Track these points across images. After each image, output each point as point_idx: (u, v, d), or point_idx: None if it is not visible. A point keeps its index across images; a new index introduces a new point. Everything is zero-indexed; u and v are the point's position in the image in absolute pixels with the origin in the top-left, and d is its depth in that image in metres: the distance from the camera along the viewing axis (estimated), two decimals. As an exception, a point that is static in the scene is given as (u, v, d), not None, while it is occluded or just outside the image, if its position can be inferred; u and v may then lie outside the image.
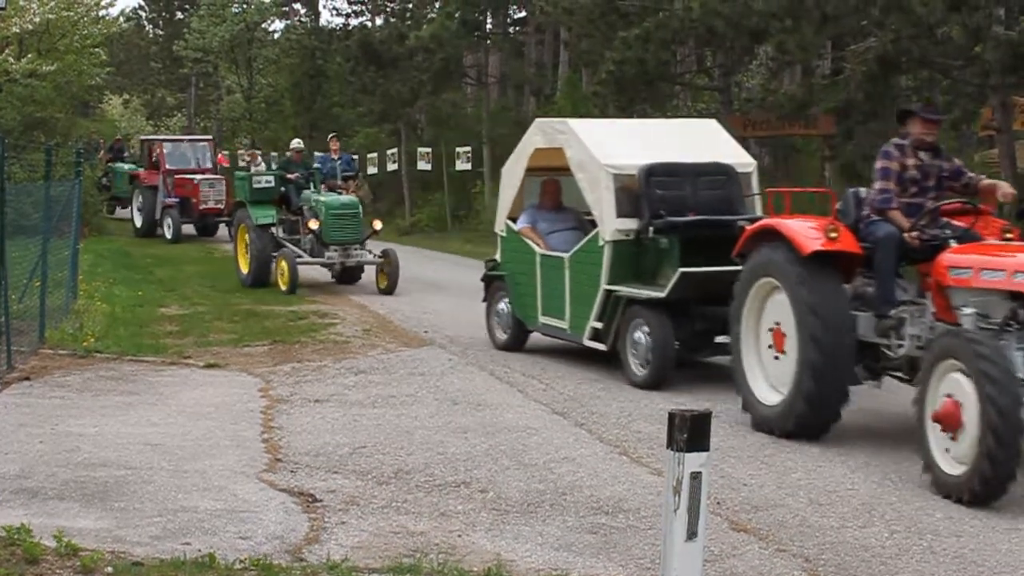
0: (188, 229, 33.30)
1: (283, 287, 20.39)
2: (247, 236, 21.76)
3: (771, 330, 10.86)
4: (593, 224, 13.62)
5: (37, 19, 33.21)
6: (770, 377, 10.90)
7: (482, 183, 36.53)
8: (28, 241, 14.81)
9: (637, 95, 26.72)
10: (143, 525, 7.55)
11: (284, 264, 20.61)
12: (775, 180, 29.29)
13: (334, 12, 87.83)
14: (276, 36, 55.07)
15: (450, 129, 40.24)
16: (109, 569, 6.56)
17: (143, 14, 65.55)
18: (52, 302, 15.54)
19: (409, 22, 39.67)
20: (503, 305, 15.15)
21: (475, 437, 10.36)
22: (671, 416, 4.74)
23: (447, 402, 11.86)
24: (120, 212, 39.10)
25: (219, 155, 35.10)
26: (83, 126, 43.17)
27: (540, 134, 14.65)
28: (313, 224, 20.92)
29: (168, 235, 32.35)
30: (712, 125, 15.67)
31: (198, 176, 33.01)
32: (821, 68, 30.46)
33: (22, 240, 14.69)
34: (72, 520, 7.54)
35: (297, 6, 57.35)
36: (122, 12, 49.76)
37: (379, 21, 50.19)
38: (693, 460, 4.70)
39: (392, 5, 49.12)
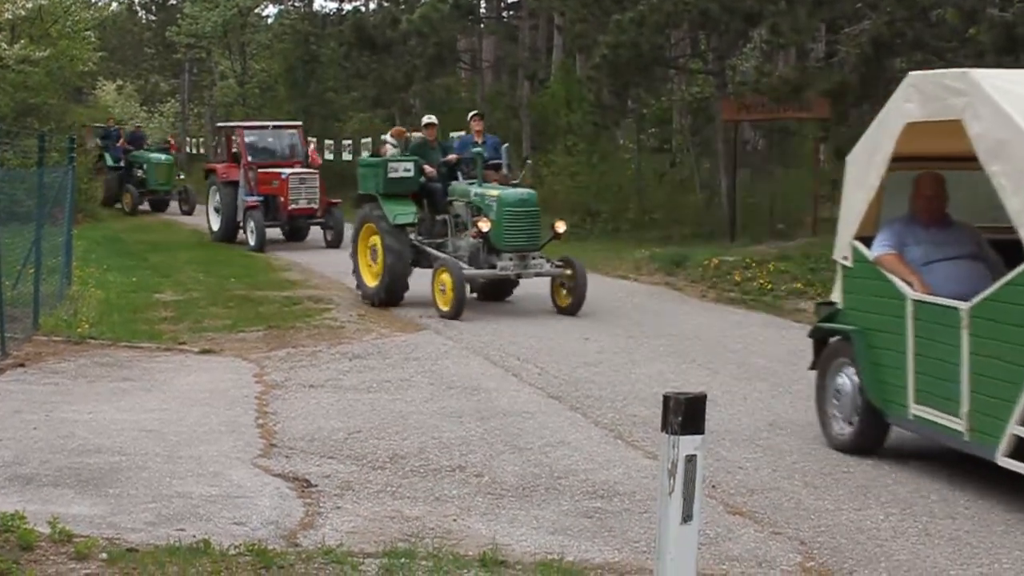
0: (273, 233, 27.77)
1: (443, 307, 16.23)
2: (377, 240, 17.53)
3: None
4: (1011, 251, 8.17)
5: (29, 5, 33.10)
6: None
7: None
8: (22, 228, 14.78)
9: (631, 79, 26.66)
10: (137, 511, 7.55)
11: (447, 278, 16.24)
12: (769, 163, 29.32)
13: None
14: (269, 21, 54.90)
15: (444, 114, 40.10)
16: (103, 555, 6.55)
17: (136, -1, 65.34)
18: (46, 288, 15.52)
19: (403, 6, 39.49)
20: (845, 379, 9.60)
21: (470, 421, 10.35)
22: (665, 399, 4.73)
23: (442, 387, 11.85)
24: (143, 206, 37.91)
25: (310, 147, 29.95)
26: (76, 112, 43.03)
27: (917, 98, 8.88)
28: (484, 225, 16.52)
29: (251, 241, 26.87)
30: None
31: (287, 170, 27.58)
32: (815, 51, 30.43)
33: (16, 227, 14.67)
34: (67, 506, 7.53)
35: (290, -9, 57.12)
36: (115, -2, 49.63)
37: (372, 6, 50.03)
38: (688, 443, 4.68)
39: (385, -10, 48.90)
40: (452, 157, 18.05)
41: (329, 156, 43.24)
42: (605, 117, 27.98)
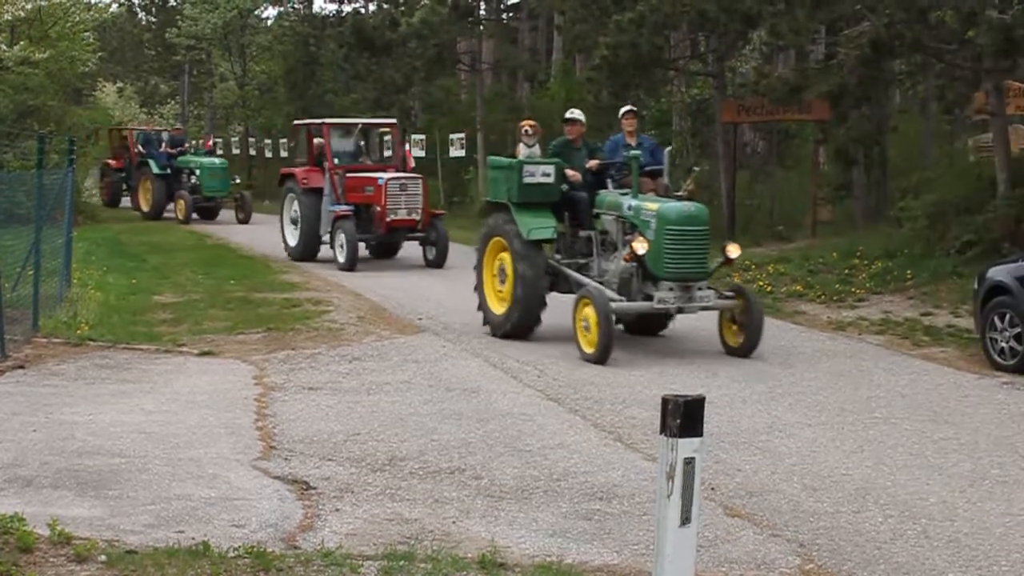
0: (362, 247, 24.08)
1: (586, 349, 13.38)
2: (506, 258, 14.89)
3: None
4: None
5: (29, 6, 33.15)
6: None
7: (475, 169, 36.50)
8: (22, 229, 14.79)
9: (631, 81, 26.65)
10: (137, 513, 7.55)
11: (592, 312, 13.25)
12: (768, 165, 29.33)
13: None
14: (269, 23, 54.92)
15: (444, 115, 40.22)
16: (103, 558, 6.55)
17: (136, 1, 65.34)
18: (46, 291, 15.52)
19: (402, 8, 39.50)
20: None
21: (469, 424, 10.36)
22: (664, 402, 4.73)
23: (441, 389, 11.85)
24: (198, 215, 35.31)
25: (407, 147, 25.62)
26: (76, 114, 42.96)
27: None
28: (640, 246, 13.53)
29: (339, 258, 22.83)
30: None
31: (383, 175, 23.48)
32: (814, 53, 30.46)
33: (16, 228, 14.68)
34: (66, 508, 7.53)
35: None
36: (115, -1, 49.58)
37: (372, 7, 50.05)
38: (687, 446, 4.69)
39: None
40: (595, 162, 14.98)
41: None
42: (605, 118, 27.94)
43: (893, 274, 18.63)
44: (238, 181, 37.24)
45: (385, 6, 42.09)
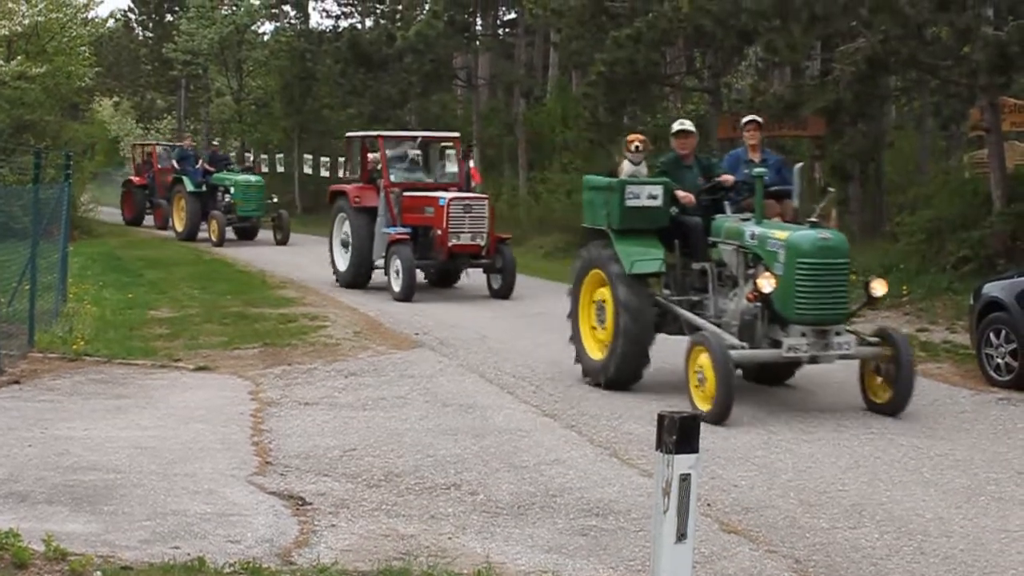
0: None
1: (700, 405, 11.17)
2: (606, 294, 12.85)
3: None
4: None
5: (26, 21, 33.18)
6: None
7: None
8: (18, 244, 14.78)
9: (627, 96, 26.73)
10: (132, 529, 7.53)
11: (708, 361, 11.14)
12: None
13: (323, 14, 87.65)
14: (266, 38, 54.96)
15: (439, 131, 40.19)
16: (98, 573, 6.54)
17: (132, 16, 65.41)
18: (42, 305, 15.50)
19: (398, 23, 39.60)
20: None
21: (465, 439, 10.35)
22: (660, 418, 4.74)
23: (437, 404, 11.85)
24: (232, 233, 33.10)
25: (471, 163, 22.84)
26: (73, 129, 42.95)
27: None
28: (766, 282, 11.38)
29: (394, 286, 20.52)
30: None
31: (445, 194, 21.05)
32: (810, 69, 30.51)
33: (11, 243, 14.67)
34: (61, 524, 7.51)
35: (287, 8, 57.20)
36: (111, 14, 49.57)
37: (368, 23, 50.15)
38: (682, 462, 4.69)
39: (381, 7, 49.06)
40: (728, 177, 12.94)
41: (325, 173, 43.36)
42: (601, 134, 27.99)
43: (889, 290, 18.64)
44: (275, 200, 34.37)
45: (382, 21, 42.23)
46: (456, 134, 24.33)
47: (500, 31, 46.16)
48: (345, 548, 7.36)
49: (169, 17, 60.87)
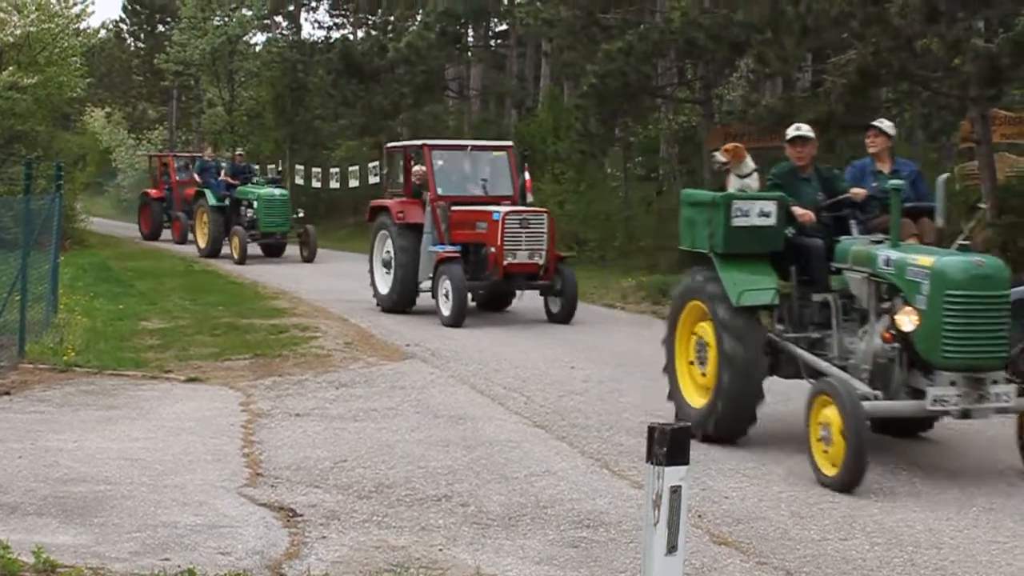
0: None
1: (825, 471, 9.37)
2: (707, 330, 10.94)
3: None
4: None
5: (18, 31, 33.17)
6: None
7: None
8: (8, 255, 14.76)
9: (619, 108, 26.77)
10: (122, 541, 7.52)
11: (835, 415, 9.23)
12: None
13: (315, 25, 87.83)
14: (258, 49, 54.99)
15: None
16: (88, 585, 6.53)
17: (124, 27, 65.39)
18: (32, 316, 15.48)
19: (390, 34, 39.64)
20: None
21: (456, 451, 10.34)
22: (650, 430, 4.74)
23: (428, 415, 11.84)
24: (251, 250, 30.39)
25: (526, 175, 20.57)
26: (64, 139, 42.89)
27: None
28: (907, 319, 9.59)
29: (444, 310, 18.68)
30: None
31: (499, 208, 19.15)
32: (801, 81, 30.57)
33: (2, 254, 14.66)
34: (51, 536, 7.50)
35: (278, 19, 57.27)
36: (103, 25, 49.55)
37: (360, 34, 50.21)
38: (673, 474, 4.70)
39: (373, 18, 49.13)
40: (860, 191, 10.94)
41: (316, 184, 43.33)
42: (592, 145, 28.04)
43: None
44: (301, 215, 31.94)
45: (373, 33, 42.26)
46: (509, 143, 22.54)
47: (492, 42, 46.23)
48: (336, 560, 7.35)
49: (161, 28, 60.93)
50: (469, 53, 41.51)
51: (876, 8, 18.41)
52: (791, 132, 11.31)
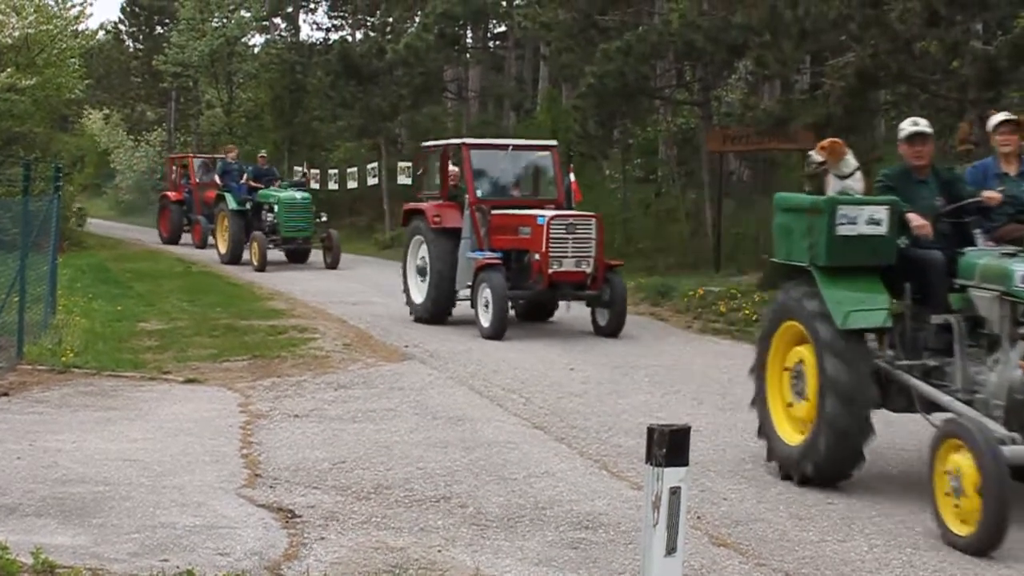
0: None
1: (956, 529, 7.92)
2: (806, 355, 9.57)
3: None
4: None
5: (16, 33, 33.15)
6: None
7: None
8: (6, 256, 14.76)
9: (617, 109, 26.76)
10: (121, 542, 7.52)
11: (968, 464, 7.81)
12: (754, 194, 29.40)
13: (314, 27, 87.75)
14: (256, 51, 55.00)
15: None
16: (87, 586, 6.53)
17: (123, 28, 65.35)
18: (31, 317, 15.47)
19: (389, 36, 39.64)
20: None
21: (455, 452, 10.34)
22: (650, 431, 4.74)
23: (427, 416, 11.84)
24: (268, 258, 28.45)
25: (571, 177, 19.60)
26: (62, 141, 42.82)
27: None
28: None
29: (483, 321, 17.44)
30: None
31: (543, 212, 17.91)
32: (800, 83, 30.57)
33: (0, 255, 14.64)
34: (50, 537, 7.50)
35: (277, 21, 57.26)
36: (102, 26, 49.50)
37: (359, 35, 50.21)
38: (672, 475, 4.70)
39: (372, 20, 49.14)
40: (993, 195, 9.53)
41: (315, 185, 43.28)
42: (591, 147, 28.03)
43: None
44: (324, 219, 30.26)
45: (372, 34, 42.26)
46: (553, 142, 20.93)
47: (490, 44, 46.25)
48: (335, 561, 7.35)
49: (159, 29, 60.89)
50: (467, 55, 41.52)
51: (875, 11, 18.44)
52: (907, 127, 9.80)
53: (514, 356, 15.64)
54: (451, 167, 19.60)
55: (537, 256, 17.51)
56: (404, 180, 36.99)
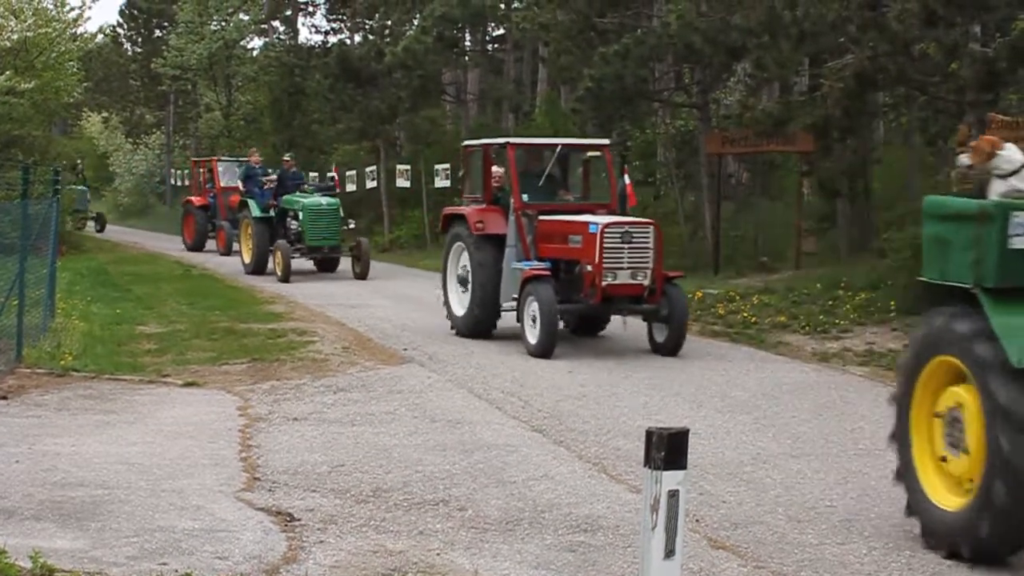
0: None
1: None
2: (964, 398, 7.76)
3: None
4: None
5: (15, 36, 33.14)
6: None
7: (460, 200, 36.45)
8: (5, 259, 14.75)
9: (616, 112, 26.77)
10: (120, 545, 7.51)
11: None
12: (753, 196, 29.42)
13: (313, 29, 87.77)
14: (255, 53, 55.04)
15: (429, 146, 40.28)
16: (85, 590, 6.53)
17: (121, 32, 65.37)
18: (29, 321, 15.46)
19: (387, 39, 39.64)
20: None
21: (454, 455, 10.34)
22: (648, 434, 4.74)
23: (426, 420, 11.83)
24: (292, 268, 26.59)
25: (626, 179, 18.29)
26: (61, 144, 42.80)
27: None
28: None
29: (530, 338, 15.94)
30: None
31: (596, 219, 16.31)
32: (799, 85, 30.58)
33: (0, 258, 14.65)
34: (48, 540, 7.49)
35: (276, 24, 57.28)
36: (100, 29, 49.39)
37: (357, 38, 50.21)
38: (670, 478, 4.70)
39: (371, 23, 49.16)
40: None
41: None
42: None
43: (877, 305, 18.67)
44: (352, 226, 28.42)
45: (371, 37, 42.25)
46: (605, 141, 19.21)
47: (489, 47, 46.23)
48: (334, 564, 7.35)
49: (158, 32, 60.90)
50: (466, 58, 41.53)
51: (873, 13, 18.47)
52: None
53: (513, 359, 15.63)
54: (495, 168, 18.03)
55: (589, 267, 15.97)
56: (403, 182, 37.02)
